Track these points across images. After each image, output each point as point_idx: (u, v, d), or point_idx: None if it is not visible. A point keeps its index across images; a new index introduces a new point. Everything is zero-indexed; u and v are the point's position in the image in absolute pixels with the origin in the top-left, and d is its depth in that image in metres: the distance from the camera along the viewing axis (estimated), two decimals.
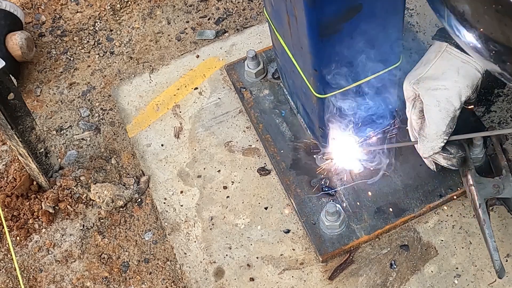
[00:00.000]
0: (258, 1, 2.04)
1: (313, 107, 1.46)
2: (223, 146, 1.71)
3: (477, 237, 1.48)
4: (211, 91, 1.82)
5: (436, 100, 1.36)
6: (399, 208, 1.51)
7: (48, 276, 1.58)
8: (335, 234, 1.49)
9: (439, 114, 1.36)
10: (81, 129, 1.83)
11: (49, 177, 1.68)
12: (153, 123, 1.79)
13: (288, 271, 1.50)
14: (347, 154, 1.52)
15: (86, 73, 1.95)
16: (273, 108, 1.72)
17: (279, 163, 1.62)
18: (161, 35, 2.01)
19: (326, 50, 1.26)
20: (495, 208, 1.50)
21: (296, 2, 1.18)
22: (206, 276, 1.51)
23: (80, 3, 2.12)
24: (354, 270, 1.48)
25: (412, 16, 1.90)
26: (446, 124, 1.37)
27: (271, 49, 1.79)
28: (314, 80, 1.35)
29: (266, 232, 1.56)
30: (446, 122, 1.36)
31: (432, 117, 1.37)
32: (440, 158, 1.43)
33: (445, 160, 1.43)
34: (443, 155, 1.41)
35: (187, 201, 1.63)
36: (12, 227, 1.63)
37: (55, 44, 2.03)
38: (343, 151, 1.52)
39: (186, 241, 1.57)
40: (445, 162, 1.43)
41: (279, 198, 1.60)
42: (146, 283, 1.55)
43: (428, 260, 1.47)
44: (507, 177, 1.42)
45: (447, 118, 1.36)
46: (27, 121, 1.52)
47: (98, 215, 1.65)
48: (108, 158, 1.75)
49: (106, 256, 1.60)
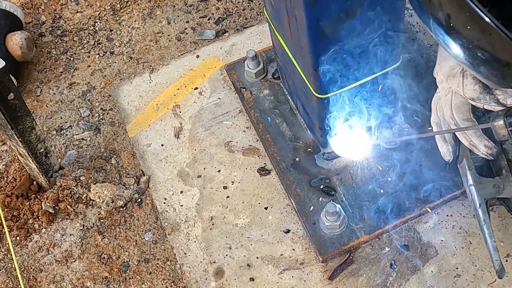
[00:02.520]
0: (258, 1, 2.04)
1: (313, 107, 1.46)
2: (223, 146, 1.71)
3: (477, 237, 1.48)
4: (211, 91, 1.82)
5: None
6: (399, 208, 1.51)
7: (48, 276, 1.58)
8: (335, 234, 1.49)
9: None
10: (81, 129, 1.83)
11: (49, 177, 1.68)
12: (153, 123, 1.79)
13: (288, 271, 1.50)
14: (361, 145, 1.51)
15: (86, 73, 1.95)
16: (273, 108, 1.72)
17: (279, 163, 1.62)
18: (161, 35, 2.01)
19: (326, 50, 1.26)
20: (495, 208, 1.50)
21: (296, 2, 1.18)
22: (206, 276, 1.51)
23: (80, 3, 2.12)
24: (354, 270, 1.48)
25: (412, 16, 1.90)
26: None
27: (271, 49, 1.79)
28: (314, 80, 1.35)
29: (266, 232, 1.56)
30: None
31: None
32: (481, 145, 1.39)
33: (486, 148, 1.38)
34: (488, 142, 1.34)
35: (187, 201, 1.63)
36: (12, 227, 1.63)
37: (55, 44, 2.03)
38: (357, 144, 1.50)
39: (186, 241, 1.57)
40: (486, 150, 1.39)
41: (279, 198, 1.60)
42: (146, 283, 1.55)
43: (428, 260, 1.47)
44: (507, 177, 1.42)
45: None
46: (27, 121, 1.52)
47: (98, 215, 1.65)
48: (108, 158, 1.75)
49: (106, 256, 1.60)
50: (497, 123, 1.22)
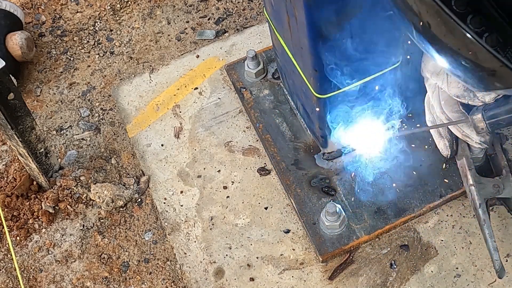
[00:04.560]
0: (258, 1, 2.04)
1: (313, 107, 1.46)
2: (223, 146, 1.71)
3: (477, 237, 1.48)
4: (211, 91, 1.82)
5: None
6: (399, 208, 1.51)
7: (48, 276, 1.58)
8: (335, 234, 1.49)
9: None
10: (81, 129, 1.83)
11: (49, 177, 1.68)
12: (153, 123, 1.79)
13: (288, 271, 1.50)
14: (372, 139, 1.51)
15: (86, 73, 1.95)
16: (273, 108, 1.72)
17: (279, 163, 1.62)
18: (161, 35, 2.01)
19: (326, 50, 1.26)
20: (495, 208, 1.50)
21: (296, 2, 1.18)
22: (206, 276, 1.51)
23: (80, 3, 2.12)
24: (354, 270, 1.48)
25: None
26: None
27: (271, 49, 1.79)
28: (314, 80, 1.35)
29: (266, 232, 1.56)
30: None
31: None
32: (473, 135, 1.38)
33: (478, 136, 1.38)
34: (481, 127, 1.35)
35: (187, 201, 1.63)
36: (12, 227, 1.63)
37: (55, 44, 2.03)
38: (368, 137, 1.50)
39: (186, 241, 1.57)
40: (478, 138, 1.39)
41: (279, 198, 1.60)
42: (146, 283, 1.55)
43: (428, 260, 1.47)
44: (507, 177, 1.42)
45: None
46: (27, 121, 1.52)
47: (98, 215, 1.65)
48: (108, 158, 1.75)
49: (106, 256, 1.60)
50: (476, 117, 1.27)
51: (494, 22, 0.90)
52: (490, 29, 0.89)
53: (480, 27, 0.89)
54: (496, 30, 0.89)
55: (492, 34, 0.88)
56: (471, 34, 0.81)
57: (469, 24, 0.89)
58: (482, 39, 0.87)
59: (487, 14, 0.90)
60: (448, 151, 1.46)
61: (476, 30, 0.89)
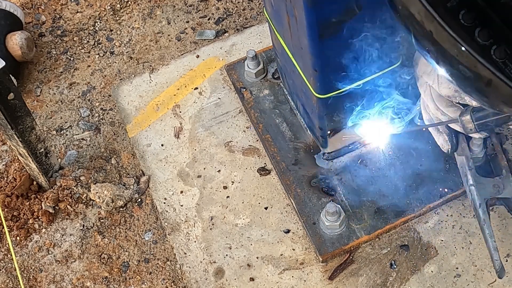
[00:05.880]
0: (258, 1, 2.04)
1: (313, 107, 1.46)
2: (223, 146, 1.71)
3: (477, 237, 1.48)
4: (211, 91, 1.82)
5: None
6: (399, 208, 1.51)
7: (48, 276, 1.58)
8: (335, 234, 1.49)
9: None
10: (81, 129, 1.83)
11: (49, 177, 1.68)
12: (153, 123, 1.79)
13: (288, 271, 1.50)
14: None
15: (86, 73, 1.95)
16: (273, 108, 1.72)
17: (279, 163, 1.62)
18: (161, 35, 2.01)
19: (326, 50, 1.26)
20: (495, 208, 1.50)
21: (296, 2, 1.18)
22: (206, 276, 1.51)
23: (80, 3, 2.12)
24: (354, 270, 1.48)
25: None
26: None
27: (271, 49, 1.79)
28: (314, 80, 1.35)
29: (266, 232, 1.56)
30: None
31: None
32: (468, 123, 1.39)
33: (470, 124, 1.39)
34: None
35: (187, 201, 1.63)
36: (12, 227, 1.63)
37: (55, 44, 2.03)
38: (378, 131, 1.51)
39: (186, 241, 1.57)
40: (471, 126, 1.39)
41: (279, 198, 1.60)
42: (146, 283, 1.55)
43: (428, 260, 1.47)
44: (507, 177, 1.42)
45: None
46: (27, 121, 1.52)
47: (98, 215, 1.65)
48: (108, 158, 1.75)
49: (106, 256, 1.60)
50: (465, 118, 1.28)
51: (503, 34, 0.90)
52: (498, 41, 0.89)
53: (488, 40, 0.89)
54: (504, 42, 0.89)
55: (500, 47, 0.88)
56: (489, 67, 0.83)
57: (477, 37, 0.89)
58: (490, 52, 0.88)
59: (494, 26, 0.90)
60: (449, 146, 1.45)
61: (485, 43, 0.89)
